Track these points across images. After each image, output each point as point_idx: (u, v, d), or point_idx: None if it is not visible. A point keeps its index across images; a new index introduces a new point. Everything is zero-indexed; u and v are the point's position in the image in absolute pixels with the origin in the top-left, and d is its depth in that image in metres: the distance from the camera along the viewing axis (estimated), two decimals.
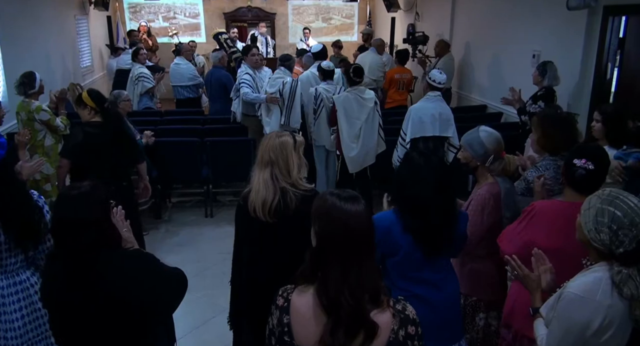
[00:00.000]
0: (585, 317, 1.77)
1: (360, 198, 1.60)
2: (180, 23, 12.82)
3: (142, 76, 7.57)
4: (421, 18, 9.86)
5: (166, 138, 5.81)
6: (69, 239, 1.86)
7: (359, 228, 1.54)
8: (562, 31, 5.45)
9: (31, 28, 6.95)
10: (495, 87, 7.04)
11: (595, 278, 1.80)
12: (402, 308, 1.56)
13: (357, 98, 5.20)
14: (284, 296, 1.62)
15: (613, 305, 1.75)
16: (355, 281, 1.49)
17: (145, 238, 5.21)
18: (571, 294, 1.81)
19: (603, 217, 1.77)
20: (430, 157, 2.36)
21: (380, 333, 1.50)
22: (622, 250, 1.75)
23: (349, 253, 1.52)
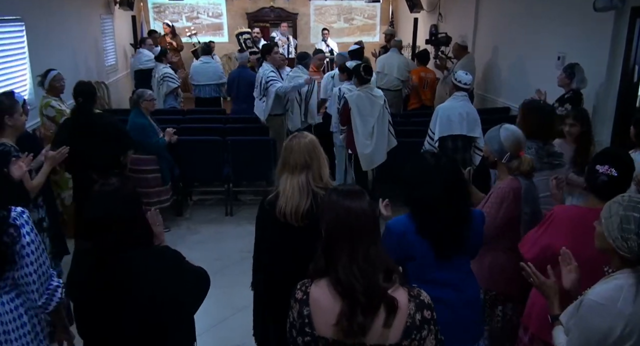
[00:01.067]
0: (606, 325, 1.73)
1: (362, 192, 1.69)
2: (203, 23, 12.92)
3: (167, 76, 7.66)
4: (444, 19, 9.79)
5: (188, 136, 5.85)
6: (100, 236, 1.88)
7: (361, 220, 1.62)
8: (589, 32, 5.36)
9: (58, 27, 7.07)
10: (518, 89, 6.95)
11: (617, 285, 1.77)
12: (417, 293, 1.62)
13: (369, 96, 5.35)
14: (303, 289, 1.68)
15: (635, 313, 1.71)
16: (364, 263, 1.57)
17: (167, 235, 5.28)
18: (591, 301, 1.77)
19: (629, 224, 1.74)
20: (440, 158, 2.38)
21: (398, 316, 1.54)
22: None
23: (355, 242, 1.59)
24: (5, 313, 2.22)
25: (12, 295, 2.25)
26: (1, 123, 3.33)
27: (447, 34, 8.86)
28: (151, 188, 5.29)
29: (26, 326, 2.27)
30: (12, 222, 2.14)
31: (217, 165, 5.82)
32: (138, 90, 5.40)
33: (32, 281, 2.21)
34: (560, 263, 2.11)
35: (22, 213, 2.20)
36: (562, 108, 4.81)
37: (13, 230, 2.13)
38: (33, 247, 2.19)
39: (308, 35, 13.28)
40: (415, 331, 1.57)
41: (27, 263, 2.18)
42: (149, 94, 5.35)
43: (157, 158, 5.30)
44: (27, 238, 2.17)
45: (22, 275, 2.19)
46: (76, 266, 2.03)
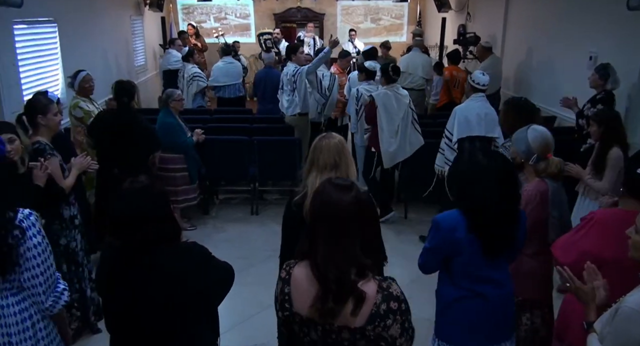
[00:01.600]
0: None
1: (350, 187, 1.78)
2: (230, 23, 13.03)
3: (196, 75, 7.76)
4: (473, 18, 9.68)
5: (215, 136, 5.91)
6: (129, 234, 1.91)
7: (343, 214, 1.72)
8: (621, 32, 5.24)
9: (89, 28, 7.22)
10: (549, 90, 6.84)
11: None
12: (387, 286, 1.75)
13: (396, 95, 5.49)
14: (287, 270, 1.84)
15: None
16: (339, 256, 1.70)
17: (193, 233, 5.39)
18: (629, 309, 1.71)
19: None
20: (495, 158, 2.37)
21: (364, 304, 1.68)
22: None
23: (333, 234, 1.72)
24: (10, 316, 2.22)
25: (18, 298, 2.24)
26: (35, 122, 3.41)
27: (475, 33, 8.77)
28: (179, 187, 5.36)
29: (28, 331, 2.25)
30: (18, 223, 2.13)
31: (243, 165, 5.86)
32: (167, 90, 5.47)
33: (39, 283, 2.20)
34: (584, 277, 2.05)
35: (29, 215, 2.19)
36: (594, 109, 4.72)
37: (18, 232, 2.12)
38: (40, 249, 2.17)
39: (335, 35, 13.24)
40: (378, 319, 1.70)
41: (34, 265, 2.17)
42: (178, 94, 5.42)
43: (185, 157, 5.36)
44: (34, 240, 2.16)
45: (29, 277, 2.19)
46: (105, 263, 2.05)
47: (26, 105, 3.54)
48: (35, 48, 5.59)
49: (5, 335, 2.22)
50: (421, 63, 8.26)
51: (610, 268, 2.23)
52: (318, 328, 1.75)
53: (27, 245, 2.14)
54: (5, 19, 4.87)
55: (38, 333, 2.29)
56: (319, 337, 1.76)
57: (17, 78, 5.10)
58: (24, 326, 2.24)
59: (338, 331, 1.72)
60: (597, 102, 4.79)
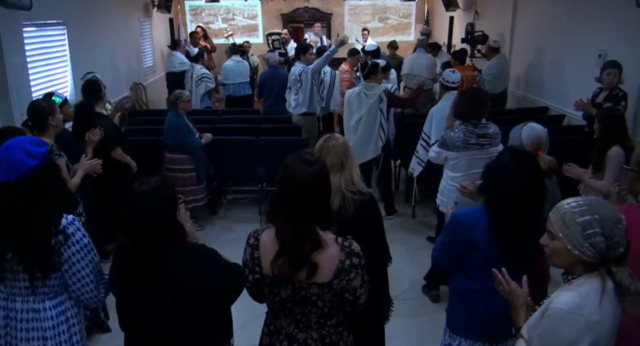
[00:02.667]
0: (573, 335, 1.63)
1: (315, 162, 1.92)
2: (238, 24, 13.06)
3: (205, 77, 7.81)
4: (481, 17, 9.64)
5: (223, 136, 5.93)
6: (138, 234, 1.92)
7: (303, 184, 1.87)
8: (631, 30, 5.20)
9: (97, 30, 7.26)
10: (557, 89, 6.80)
11: (582, 292, 1.67)
12: (348, 244, 1.94)
13: (361, 92, 5.52)
14: (255, 236, 2.00)
15: (601, 321, 1.63)
16: (295, 229, 1.86)
17: (202, 233, 5.38)
18: (558, 309, 1.67)
19: (592, 228, 1.65)
20: (523, 158, 2.37)
21: (330, 263, 1.89)
22: (622, 250, 1.65)
23: (293, 203, 1.87)
24: (46, 319, 2.26)
25: (55, 302, 2.28)
26: (46, 124, 3.49)
27: (483, 32, 8.74)
28: (187, 187, 5.37)
29: (64, 335, 2.30)
30: (62, 229, 2.16)
31: (251, 165, 5.87)
32: (176, 91, 5.49)
33: (90, 281, 2.25)
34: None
35: (73, 220, 2.23)
36: (619, 106, 4.69)
37: (62, 237, 2.15)
38: (85, 251, 2.22)
39: (342, 35, 13.24)
40: (344, 273, 1.91)
41: (83, 266, 2.21)
42: (187, 95, 5.45)
43: (193, 158, 5.38)
44: (81, 243, 2.20)
45: (79, 278, 2.23)
46: (117, 263, 2.07)
47: (31, 111, 3.59)
48: (44, 50, 5.63)
49: (41, 338, 2.26)
50: (426, 64, 8.24)
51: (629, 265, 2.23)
52: (288, 287, 1.91)
53: (73, 250, 2.18)
54: (15, 22, 4.91)
55: (73, 336, 2.34)
56: (289, 295, 1.93)
57: (26, 80, 5.14)
58: (59, 330, 2.29)
59: (307, 287, 1.90)
60: (620, 99, 4.76)
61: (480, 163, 3.42)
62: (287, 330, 2.00)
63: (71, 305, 2.33)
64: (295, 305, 1.95)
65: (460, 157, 3.81)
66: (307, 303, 1.93)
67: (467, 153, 3.76)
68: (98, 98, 4.70)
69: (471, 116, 3.77)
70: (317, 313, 1.95)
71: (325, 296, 1.92)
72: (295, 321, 1.98)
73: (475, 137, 3.74)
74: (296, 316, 1.97)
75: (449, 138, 3.84)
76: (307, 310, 1.95)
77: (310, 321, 1.97)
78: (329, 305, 1.95)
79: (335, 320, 2.02)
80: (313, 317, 1.96)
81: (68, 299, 2.32)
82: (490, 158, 3.61)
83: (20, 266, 2.18)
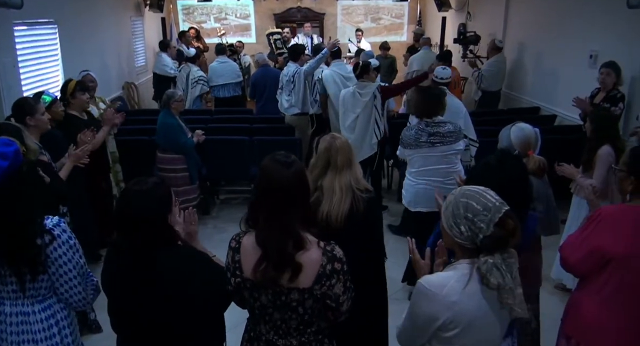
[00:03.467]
0: (431, 310, 1.77)
1: (292, 163, 1.90)
2: (231, 24, 13.03)
3: (201, 78, 7.80)
4: (473, 17, 9.67)
5: (216, 136, 5.91)
6: (128, 234, 1.91)
7: (281, 186, 1.85)
8: (622, 30, 5.24)
9: (89, 29, 7.23)
10: (549, 89, 6.83)
11: (449, 274, 1.80)
12: (330, 249, 1.90)
13: (355, 93, 5.52)
14: (236, 239, 1.97)
15: (460, 302, 1.73)
16: (276, 230, 1.83)
17: None
18: (420, 285, 1.81)
19: (459, 210, 1.78)
20: (505, 158, 2.36)
21: (311, 267, 1.85)
22: (482, 237, 1.74)
23: (273, 206, 1.85)
24: (36, 322, 2.24)
25: (44, 305, 2.26)
26: (23, 123, 3.43)
27: (475, 33, 8.76)
28: (179, 187, 5.34)
29: (55, 338, 2.27)
30: (48, 229, 2.14)
31: (244, 165, 5.86)
32: (168, 91, 5.47)
33: (78, 283, 2.23)
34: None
35: (59, 222, 2.20)
36: (616, 107, 4.72)
37: (48, 237, 2.13)
38: (71, 253, 2.19)
39: (335, 35, 13.25)
40: (325, 278, 1.87)
41: (70, 268, 2.19)
42: (179, 95, 5.43)
43: (185, 157, 5.36)
44: (67, 245, 2.17)
45: (66, 281, 2.20)
46: (110, 264, 2.05)
47: (14, 107, 3.58)
48: (35, 49, 5.60)
49: (32, 341, 2.24)
50: (435, 62, 8.27)
51: (618, 263, 2.26)
52: (269, 291, 1.89)
53: (60, 252, 2.15)
54: (6, 20, 4.88)
55: (64, 339, 2.32)
56: (269, 300, 1.90)
57: (17, 79, 5.11)
58: (50, 333, 2.27)
59: (287, 292, 1.87)
60: (619, 100, 4.78)
61: (432, 161, 3.92)
62: (267, 336, 1.97)
63: (60, 307, 2.31)
64: (275, 311, 1.92)
65: (413, 154, 3.99)
66: (288, 309, 1.90)
67: (419, 150, 3.93)
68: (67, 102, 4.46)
69: (425, 114, 3.94)
70: (297, 319, 1.92)
71: (306, 302, 1.88)
72: (275, 327, 1.95)
73: (426, 135, 3.88)
74: (276, 322, 1.94)
75: (404, 136, 4.03)
76: (287, 316, 1.92)
77: (290, 328, 1.94)
78: (309, 312, 1.91)
79: (316, 328, 1.98)
80: (293, 324, 1.93)
81: (57, 302, 2.30)
82: (444, 156, 3.89)
83: (8, 269, 2.15)
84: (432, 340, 1.84)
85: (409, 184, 4.11)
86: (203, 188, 5.91)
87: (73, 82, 4.56)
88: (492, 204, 1.75)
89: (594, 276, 2.36)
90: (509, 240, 1.75)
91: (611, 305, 2.30)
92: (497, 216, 1.74)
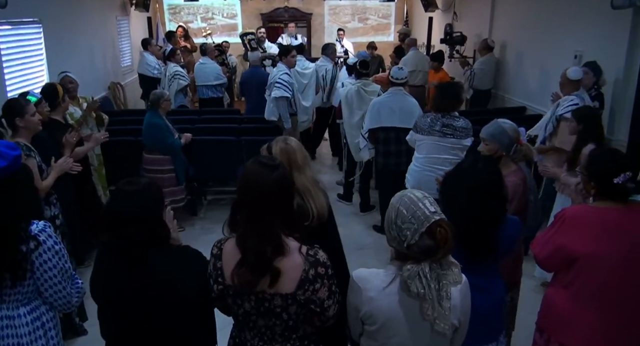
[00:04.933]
0: (353, 301, 1.89)
1: (277, 167, 1.87)
2: (218, 23, 12.98)
3: (177, 74, 7.73)
4: (459, 18, 9.73)
5: (203, 136, 5.89)
6: (119, 234, 1.90)
7: (264, 189, 1.81)
8: (606, 31, 5.29)
9: (74, 28, 7.16)
10: (535, 89, 6.89)
11: (379, 271, 1.89)
12: (314, 253, 1.88)
13: (360, 90, 5.72)
14: (218, 246, 1.95)
15: (376, 299, 1.81)
16: (257, 234, 1.81)
17: (181, 234, 5.28)
18: (351, 278, 1.91)
19: (391, 215, 1.84)
20: (476, 162, 2.35)
21: (292, 272, 1.82)
22: (406, 245, 1.78)
23: (254, 209, 1.82)
24: (22, 326, 2.22)
25: (29, 308, 2.24)
26: (13, 125, 3.40)
27: (462, 33, 8.81)
28: (166, 188, 5.31)
29: (41, 340, 2.26)
30: (34, 235, 2.12)
31: (231, 165, 5.83)
32: (157, 91, 5.43)
33: (62, 288, 2.21)
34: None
35: (44, 227, 2.17)
36: (592, 105, 4.77)
37: (34, 243, 2.11)
38: (57, 259, 2.17)
39: (322, 35, 13.28)
40: (308, 283, 1.84)
41: (55, 274, 2.17)
42: (167, 95, 5.40)
43: (172, 158, 5.33)
44: (52, 251, 2.15)
45: (51, 285, 2.19)
46: (101, 265, 2.03)
47: (3, 108, 3.52)
48: (19, 49, 5.53)
49: (17, 345, 2.21)
50: (425, 60, 8.50)
51: (581, 262, 2.32)
52: (252, 298, 1.86)
53: (45, 257, 2.13)
54: None
55: (50, 341, 2.30)
56: (253, 307, 1.87)
57: (1, 79, 5.05)
58: (36, 336, 2.25)
59: (271, 298, 1.84)
60: (594, 99, 4.84)
61: (440, 149, 4.14)
62: (251, 342, 1.95)
63: (46, 309, 2.29)
64: (259, 317, 1.89)
65: (423, 139, 4.21)
66: (272, 316, 1.87)
67: (429, 137, 4.15)
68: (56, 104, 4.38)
69: (442, 108, 4.16)
70: (282, 325, 1.90)
71: (290, 308, 1.86)
72: (259, 334, 1.93)
73: (440, 125, 4.12)
74: (260, 329, 1.92)
75: (419, 122, 4.27)
76: (272, 323, 1.89)
77: (275, 334, 1.92)
78: (294, 318, 1.89)
79: (302, 333, 1.96)
80: (278, 329, 1.91)
81: (43, 304, 2.28)
82: (451, 147, 4.08)
83: None
84: (363, 333, 1.93)
85: (414, 169, 4.32)
86: (190, 189, 5.88)
87: (60, 87, 4.51)
88: (421, 213, 1.78)
89: (562, 273, 2.44)
90: (438, 250, 1.76)
91: (579, 300, 2.36)
92: (425, 225, 1.76)
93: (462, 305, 1.85)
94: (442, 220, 1.79)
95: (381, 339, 1.85)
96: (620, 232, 2.28)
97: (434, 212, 1.79)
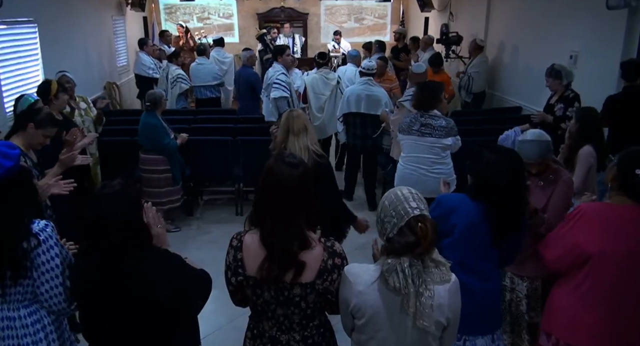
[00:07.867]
0: (344, 295, 1.93)
1: (300, 165, 1.97)
2: (214, 23, 12.96)
3: (180, 77, 7.73)
4: (455, 18, 9.74)
5: (199, 136, 5.88)
6: (99, 238, 1.87)
7: (289, 187, 1.90)
8: (601, 31, 5.31)
9: (70, 28, 7.14)
10: (531, 89, 6.90)
11: (369, 266, 1.94)
12: (331, 245, 1.98)
13: (323, 78, 6.52)
14: (238, 238, 2.01)
15: (363, 293, 1.86)
16: (284, 230, 1.89)
17: (178, 234, 5.33)
18: (344, 271, 1.95)
19: (379, 209, 1.95)
20: (504, 151, 2.44)
21: (314, 263, 1.91)
22: (385, 238, 1.87)
23: (280, 206, 1.90)
24: (23, 327, 2.20)
25: (31, 309, 2.22)
26: (22, 125, 3.30)
27: (458, 33, 8.82)
28: (162, 189, 5.32)
29: (42, 342, 2.23)
30: (35, 233, 2.11)
31: (227, 165, 5.84)
32: (157, 91, 5.42)
33: (60, 292, 2.18)
34: None
35: (45, 226, 2.16)
36: (572, 108, 4.80)
37: (34, 241, 2.10)
38: (59, 260, 2.15)
39: (319, 35, 13.28)
40: (326, 273, 1.93)
41: (56, 275, 2.15)
42: (164, 96, 5.39)
43: (168, 158, 5.32)
44: (52, 251, 2.14)
45: (51, 287, 2.16)
46: (80, 269, 2.00)
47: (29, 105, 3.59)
48: (15, 49, 5.52)
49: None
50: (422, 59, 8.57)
51: (594, 261, 2.29)
52: (271, 288, 1.93)
53: (44, 258, 2.12)
54: None
55: (52, 343, 2.28)
56: (272, 296, 1.94)
57: None
58: (38, 338, 2.23)
59: (290, 288, 1.92)
60: (572, 100, 4.90)
61: (419, 148, 4.28)
62: (270, 333, 2.01)
63: (47, 312, 2.27)
64: (278, 307, 1.96)
65: (404, 139, 4.37)
66: (290, 305, 1.94)
67: (409, 137, 4.30)
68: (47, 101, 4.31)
69: (421, 106, 4.30)
70: (300, 314, 1.97)
71: (309, 297, 1.94)
72: (278, 323, 1.99)
73: (418, 124, 4.25)
74: (279, 318, 1.98)
75: (401, 122, 4.46)
76: (290, 312, 1.96)
77: (293, 323, 1.98)
78: (311, 306, 1.96)
79: (318, 321, 2.03)
80: (295, 318, 1.97)
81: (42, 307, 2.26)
82: (431, 146, 4.21)
83: None
84: (355, 328, 1.97)
85: (399, 168, 4.49)
86: (186, 189, 5.87)
87: (55, 83, 4.49)
88: (402, 208, 1.85)
89: (573, 273, 2.39)
90: (417, 245, 1.81)
91: (588, 302, 2.33)
92: (405, 220, 1.82)
93: (450, 303, 1.86)
94: (422, 216, 1.84)
95: (369, 333, 1.90)
96: (637, 230, 2.26)
97: (415, 207, 1.85)
